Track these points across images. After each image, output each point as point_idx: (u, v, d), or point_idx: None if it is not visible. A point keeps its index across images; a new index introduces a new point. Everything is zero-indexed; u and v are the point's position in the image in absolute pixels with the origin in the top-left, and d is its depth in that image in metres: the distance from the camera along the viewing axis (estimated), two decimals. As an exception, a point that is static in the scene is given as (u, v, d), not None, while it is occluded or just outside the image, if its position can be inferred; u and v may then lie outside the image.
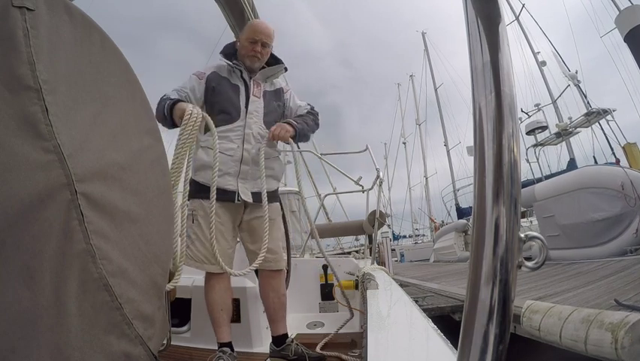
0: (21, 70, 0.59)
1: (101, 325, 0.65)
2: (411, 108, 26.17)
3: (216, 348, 1.52)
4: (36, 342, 0.57)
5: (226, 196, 1.51)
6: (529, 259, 0.41)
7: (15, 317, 0.56)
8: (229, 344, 1.51)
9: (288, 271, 2.16)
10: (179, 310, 1.93)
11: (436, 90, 20.21)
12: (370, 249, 3.44)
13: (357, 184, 3.38)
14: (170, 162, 1.18)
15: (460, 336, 0.39)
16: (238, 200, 1.53)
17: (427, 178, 23.42)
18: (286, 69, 1.73)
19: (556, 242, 5.59)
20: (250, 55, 1.60)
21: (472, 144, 0.40)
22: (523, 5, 12.52)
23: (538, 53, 12.84)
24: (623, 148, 7.45)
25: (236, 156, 1.53)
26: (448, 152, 18.52)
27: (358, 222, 3.38)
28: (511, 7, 12.71)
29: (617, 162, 7.18)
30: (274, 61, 1.70)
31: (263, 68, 1.68)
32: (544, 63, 12.62)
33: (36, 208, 0.58)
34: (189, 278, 1.94)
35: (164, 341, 0.99)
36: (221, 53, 1.66)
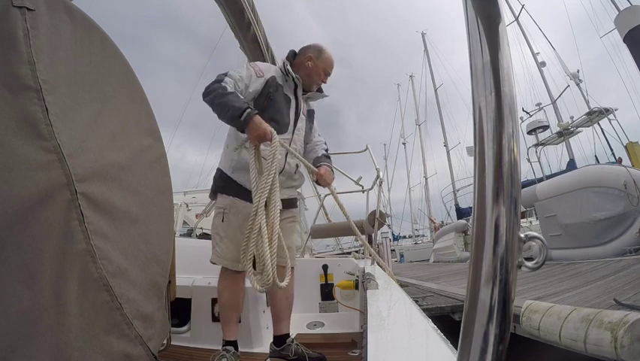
0: (21, 70, 0.59)
1: (101, 325, 0.65)
2: (410, 108, 26.19)
3: (216, 348, 1.52)
4: (36, 342, 0.57)
5: None
6: (529, 259, 0.42)
7: (15, 316, 0.55)
8: (234, 343, 1.52)
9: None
10: (179, 310, 1.92)
11: (435, 91, 20.22)
12: (370, 249, 3.44)
13: (357, 184, 3.38)
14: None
15: (460, 336, 0.39)
16: None
17: (426, 179, 23.44)
18: (323, 97, 1.85)
19: (558, 242, 5.59)
20: (319, 82, 1.73)
21: (471, 144, 0.40)
22: (523, 6, 12.53)
23: (538, 53, 12.88)
24: (626, 147, 7.44)
25: (278, 166, 1.55)
26: (447, 152, 18.54)
27: (358, 223, 3.38)
28: (511, 8, 12.73)
29: (619, 161, 7.19)
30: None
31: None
32: (543, 64, 12.65)
33: (36, 208, 0.58)
34: (189, 278, 1.94)
35: (164, 341, 0.99)
36: (287, 59, 1.69)
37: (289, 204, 1.71)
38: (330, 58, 1.73)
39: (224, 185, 1.57)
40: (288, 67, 1.64)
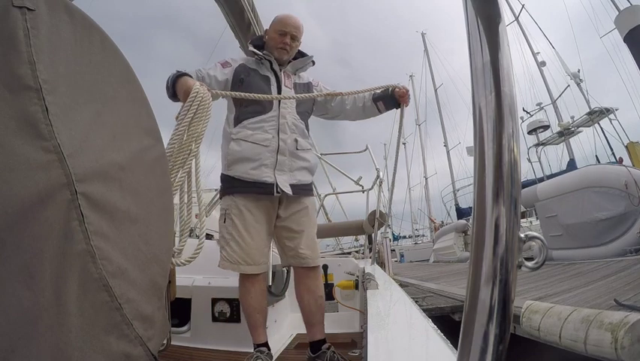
0: (21, 70, 0.59)
1: (101, 325, 0.65)
2: (411, 108, 26.11)
3: (216, 348, 1.52)
4: (36, 342, 0.57)
5: (264, 189, 1.44)
6: (529, 259, 0.42)
7: (15, 316, 0.56)
8: (265, 344, 1.48)
9: (288, 272, 2.16)
10: (179, 310, 1.93)
11: (435, 91, 20.24)
12: (370, 249, 3.44)
13: (357, 184, 3.39)
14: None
15: (460, 336, 0.39)
16: (277, 192, 1.44)
17: (426, 179, 23.49)
18: (314, 62, 1.70)
19: (559, 242, 5.59)
20: (279, 47, 1.56)
21: (471, 144, 0.40)
22: (523, 6, 12.54)
23: (538, 53, 12.89)
24: (627, 147, 7.45)
25: (272, 146, 1.45)
26: (447, 152, 18.57)
27: (358, 223, 3.38)
28: (511, 8, 12.73)
29: (620, 160, 7.19)
30: (300, 56, 1.67)
31: (290, 61, 1.65)
32: (543, 63, 12.67)
33: (36, 208, 0.58)
34: (189, 278, 1.94)
35: (164, 341, 0.99)
36: (250, 43, 1.62)
37: (299, 189, 1.51)
38: (279, 18, 1.58)
39: (225, 186, 1.50)
40: (251, 48, 1.57)
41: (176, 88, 1.33)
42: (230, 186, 1.47)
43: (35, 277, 0.58)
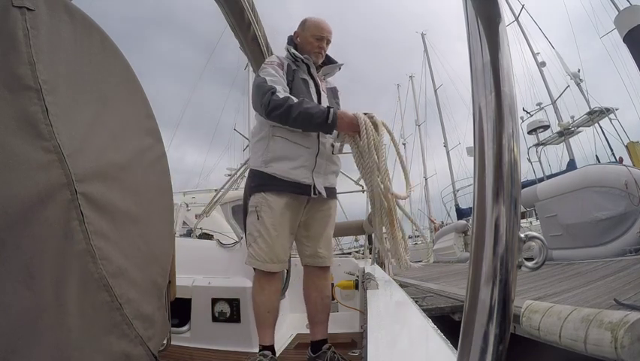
0: (21, 70, 0.59)
1: (101, 325, 0.65)
2: (410, 109, 26.16)
3: (216, 348, 1.51)
4: (36, 342, 0.57)
5: (300, 190, 1.46)
6: (529, 259, 0.42)
7: (15, 317, 0.56)
8: (271, 348, 1.44)
9: (288, 271, 2.16)
10: (179, 310, 1.92)
11: (435, 92, 20.22)
12: (370, 249, 3.45)
13: (357, 184, 3.38)
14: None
15: (460, 336, 0.39)
16: (315, 193, 1.48)
17: (426, 179, 23.44)
18: (340, 68, 1.74)
19: (559, 242, 5.58)
20: (316, 51, 1.61)
21: (471, 144, 0.40)
22: (523, 6, 12.54)
23: (538, 53, 12.88)
24: (627, 147, 7.45)
25: (312, 148, 1.49)
26: (447, 153, 18.56)
27: (358, 223, 3.38)
28: (511, 8, 12.73)
29: (620, 160, 7.19)
30: (328, 60, 1.71)
31: (321, 66, 1.68)
32: (543, 64, 12.64)
33: (36, 208, 0.58)
34: (189, 278, 1.94)
35: (164, 341, 0.99)
36: (289, 45, 1.64)
37: (330, 192, 1.57)
38: (314, 23, 1.62)
39: (257, 183, 1.48)
40: (293, 50, 1.58)
41: (338, 124, 1.41)
42: (264, 183, 1.46)
43: (35, 277, 0.58)
